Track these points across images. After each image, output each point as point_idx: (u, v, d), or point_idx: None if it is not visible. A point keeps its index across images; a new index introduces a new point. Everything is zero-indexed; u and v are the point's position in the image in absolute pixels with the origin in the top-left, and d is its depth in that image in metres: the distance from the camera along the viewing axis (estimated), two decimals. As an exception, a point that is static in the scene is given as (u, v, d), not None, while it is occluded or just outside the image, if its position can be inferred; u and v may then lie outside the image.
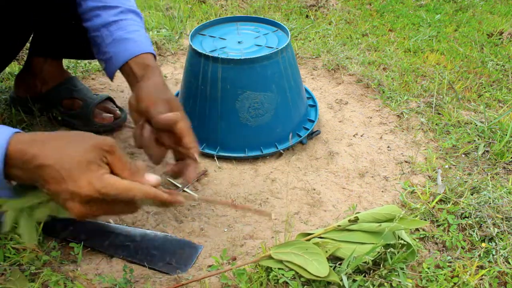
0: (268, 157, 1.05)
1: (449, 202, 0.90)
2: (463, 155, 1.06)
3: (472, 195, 0.91)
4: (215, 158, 1.04)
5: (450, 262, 0.78)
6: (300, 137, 1.07)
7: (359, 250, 0.71)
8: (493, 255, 0.79)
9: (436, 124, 1.16)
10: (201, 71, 0.99)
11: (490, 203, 0.88)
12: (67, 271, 0.74)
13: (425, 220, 0.85)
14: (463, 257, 0.79)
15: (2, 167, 0.53)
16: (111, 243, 0.80)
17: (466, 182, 0.95)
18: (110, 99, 1.14)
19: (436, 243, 0.83)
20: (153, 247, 0.80)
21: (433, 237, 0.84)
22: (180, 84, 1.27)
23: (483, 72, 1.42)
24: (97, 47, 0.85)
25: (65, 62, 1.36)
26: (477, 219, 0.85)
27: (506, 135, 1.07)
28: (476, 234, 0.83)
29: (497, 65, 1.46)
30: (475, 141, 1.09)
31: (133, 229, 0.84)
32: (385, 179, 1.00)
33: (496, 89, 1.34)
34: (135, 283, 0.73)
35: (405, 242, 0.74)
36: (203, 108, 1.02)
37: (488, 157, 1.05)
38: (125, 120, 1.14)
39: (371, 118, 1.20)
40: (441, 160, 1.05)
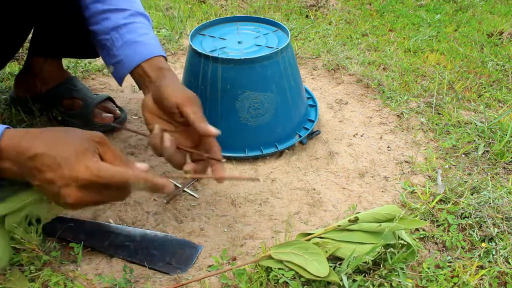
0: (268, 157, 1.05)
1: (449, 202, 0.90)
2: (463, 155, 1.06)
3: (472, 195, 0.91)
4: (215, 158, 1.04)
5: (450, 262, 0.78)
6: (300, 137, 1.07)
7: (359, 250, 0.71)
8: (493, 255, 0.79)
9: (436, 124, 1.16)
10: (201, 71, 0.99)
11: (490, 203, 0.88)
12: (67, 271, 0.74)
13: (425, 220, 0.85)
14: (463, 257, 0.79)
15: None
16: (111, 243, 0.80)
17: (466, 182, 0.95)
18: (110, 99, 1.14)
19: (436, 243, 0.83)
20: (153, 247, 0.80)
21: (433, 237, 0.84)
22: (180, 84, 1.27)
23: (483, 72, 1.42)
24: (106, 51, 0.83)
25: (65, 62, 1.36)
26: (477, 219, 0.85)
27: (506, 135, 1.07)
28: (476, 234, 0.83)
29: (497, 65, 1.46)
30: (475, 141, 1.09)
31: (133, 229, 0.84)
32: (385, 179, 1.00)
33: (496, 89, 1.34)
34: (135, 283, 0.73)
35: (405, 242, 0.74)
36: (203, 108, 1.02)
37: (488, 157, 1.05)
38: (125, 120, 1.14)
39: (371, 118, 1.20)
40: (441, 160, 1.05)
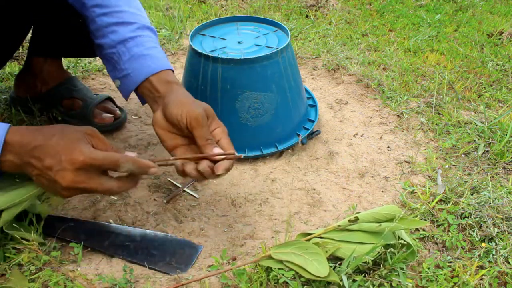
0: (268, 157, 1.05)
1: (449, 202, 0.90)
2: (463, 155, 1.06)
3: (472, 195, 0.91)
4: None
5: (450, 262, 0.78)
6: (300, 137, 1.07)
7: (359, 250, 0.71)
8: (493, 255, 0.79)
9: (436, 124, 1.16)
10: (201, 71, 0.99)
11: (490, 203, 0.88)
12: (67, 271, 0.74)
13: (425, 220, 0.85)
14: (463, 257, 0.79)
15: None
16: (111, 243, 0.80)
17: (466, 182, 0.95)
18: (110, 99, 1.14)
19: (436, 243, 0.83)
20: (153, 247, 0.80)
21: (433, 237, 0.84)
22: (180, 84, 1.27)
23: (483, 72, 1.42)
24: (112, 65, 0.82)
25: (65, 62, 1.36)
26: (477, 219, 0.85)
27: (506, 135, 1.07)
28: (476, 234, 0.83)
29: (497, 65, 1.46)
30: (475, 141, 1.09)
31: (133, 229, 0.84)
32: (385, 179, 1.00)
33: (496, 89, 1.34)
34: (135, 283, 0.73)
35: (405, 242, 0.74)
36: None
37: (488, 157, 1.05)
38: (125, 120, 1.14)
39: (371, 118, 1.20)
40: (441, 160, 1.05)
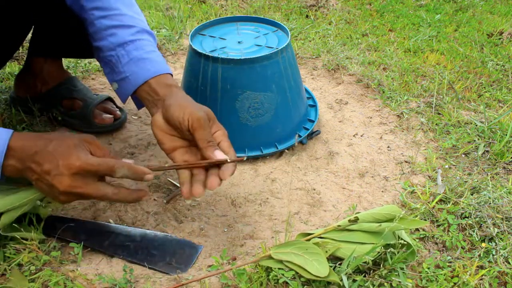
0: (268, 157, 1.05)
1: (449, 202, 0.90)
2: (463, 155, 1.06)
3: (472, 195, 0.91)
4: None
5: (450, 262, 0.78)
6: (300, 137, 1.07)
7: (359, 250, 0.71)
8: (493, 255, 0.79)
9: (436, 124, 1.16)
10: (201, 71, 0.99)
11: (490, 203, 0.88)
12: (67, 271, 0.74)
13: (425, 220, 0.85)
14: (463, 257, 0.79)
15: (2, 160, 0.64)
16: (111, 243, 0.80)
17: (466, 182, 0.95)
18: (110, 99, 1.14)
19: (436, 243, 0.83)
20: (153, 247, 0.80)
21: (433, 237, 0.84)
22: (180, 84, 1.27)
23: (483, 72, 1.42)
24: (110, 67, 0.82)
25: (65, 62, 1.36)
26: (477, 219, 0.85)
27: (506, 135, 1.07)
28: (476, 234, 0.83)
29: (497, 65, 1.46)
30: (475, 141, 1.09)
31: (133, 229, 0.84)
32: (385, 179, 1.00)
33: (496, 89, 1.34)
34: (135, 283, 0.73)
35: (405, 242, 0.73)
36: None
37: (488, 157, 1.05)
38: (125, 121, 1.14)
39: (371, 118, 1.20)
40: (441, 160, 1.05)
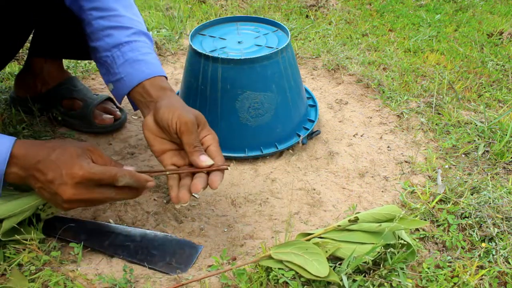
0: (268, 157, 1.05)
1: (449, 202, 0.90)
2: (463, 155, 1.06)
3: (472, 195, 0.91)
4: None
5: (450, 262, 0.78)
6: (300, 137, 1.07)
7: (359, 250, 0.71)
8: (493, 255, 0.79)
9: (436, 124, 1.16)
10: (201, 71, 0.99)
11: (490, 203, 0.88)
12: (67, 271, 0.74)
13: (425, 220, 0.85)
14: (463, 257, 0.79)
15: (4, 167, 0.65)
16: (111, 243, 0.80)
17: (466, 182, 0.95)
18: (110, 99, 1.14)
19: (436, 243, 0.83)
20: (153, 247, 0.80)
21: (433, 237, 0.84)
22: (180, 84, 1.27)
23: (483, 72, 1.42)
24: (105, 68, 0.82)
25: (65, 62, 1.36)
26: (477, 219, 0.85)
27: (506, 135, 1.07)
28: (476, 234, 0.83)
29: (497, 65, 1.46)
30: (475, 141, 1.09)
31: (133, 229, 0.84)
32: (385, 179, 1.00)
33: (496, 89, 1.34)
34: (135, 283, 0.73)
35: (405, 242, 0.73)
36: (203, 108, 1.02)
37: (488, 157, 1.05)
38: (125, 121, 1.14)
39: (371, 118, 1.20)
40: (441, 160, 1.05)
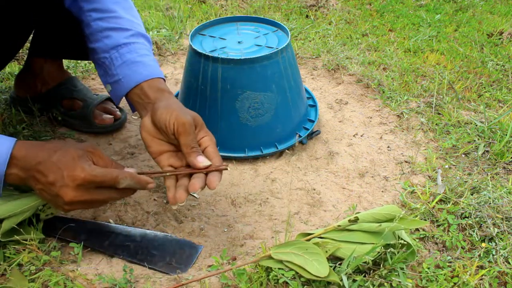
0: (268, 157, 1.05)
1: (449, 202, 0.90)
2: (463, 155, 1.06)
3: (472, 195, 0.91)
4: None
5: (450, 262, 0.78)
6: (300, 137, 1.07)
7: (359, 250, 0.71)
8: (493, 255, 0.79)
9: (436, 124, 1.16)
10: (201, 71, 0.99)
11: (490, 203, 0.88)
12: (67, 271, 0.74)
13: (425, 220, 0.85)
14: (463, 257, 0.79)
15: (5, 168, 0.64)
16: (111, 243, 0.80)
17: (466, 182, 0.95)
18: (110, 99, 1.14)
19: (436, 243, 0.83)
20: (153, 247, 0.80)
21: (433, 237, 0.84)
22: (180, 84, 1.27)
23: (483, 72, 1.42)
24: (103, 69, 0.82)
25: (65, 62, 1.36)
26: (477, 219, 0.85)
27: (506, 135, 1.07)
28: (476, 234, 0.83)
29: (497, 65, 1.46)
30: (475, 141, 1.09)
31: (133, 229, 0.84)
32: (385, 179, 1.00)
33: (496, 89, 1.34)
34: (135, 283, 0.73)
35: (405, 242, 0.73)
36: (203, 108, 1.02)
37: (488, 157, 1.05)
38: (125, 121, 1.14)
39: (371, 118, 1.20)
40: (441, 160, 1.05)
